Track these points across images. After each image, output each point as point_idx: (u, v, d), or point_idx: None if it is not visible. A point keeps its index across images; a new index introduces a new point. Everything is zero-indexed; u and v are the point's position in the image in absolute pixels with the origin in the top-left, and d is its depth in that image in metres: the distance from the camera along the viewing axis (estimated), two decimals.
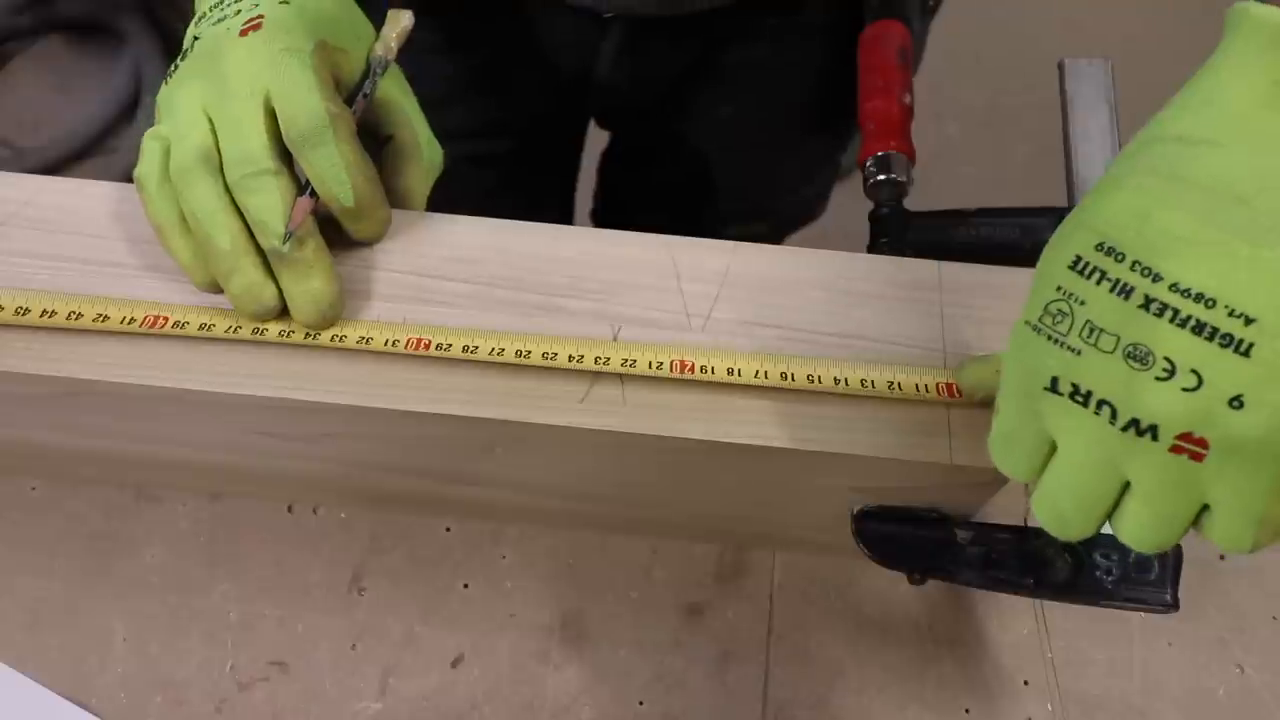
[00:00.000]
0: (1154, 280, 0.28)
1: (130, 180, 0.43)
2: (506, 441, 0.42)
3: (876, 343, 0.42)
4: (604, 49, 0.65)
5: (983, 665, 0.49)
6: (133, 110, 1.63)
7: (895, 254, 0.51)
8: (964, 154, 1.65)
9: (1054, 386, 0.30)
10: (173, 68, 0.43)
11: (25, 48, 1.72)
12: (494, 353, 0.40)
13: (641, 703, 0.48)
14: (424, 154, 0.45)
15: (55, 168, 1.58)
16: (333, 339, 0.41)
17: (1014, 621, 0.50)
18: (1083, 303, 0.29)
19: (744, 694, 0.48)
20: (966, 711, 0.48)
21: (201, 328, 0.41)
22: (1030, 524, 0.42)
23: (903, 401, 0.40)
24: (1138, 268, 0.28)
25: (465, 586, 0.51)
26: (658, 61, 0.67)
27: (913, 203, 0.54)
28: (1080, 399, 0.29)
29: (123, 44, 1.67)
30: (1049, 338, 0.30)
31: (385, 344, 0.40)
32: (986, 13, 1.80)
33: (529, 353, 0.40)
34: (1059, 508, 0.32)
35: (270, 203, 0.39)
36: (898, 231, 0.52)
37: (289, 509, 0.52)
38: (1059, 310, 0.30)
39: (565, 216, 0.88)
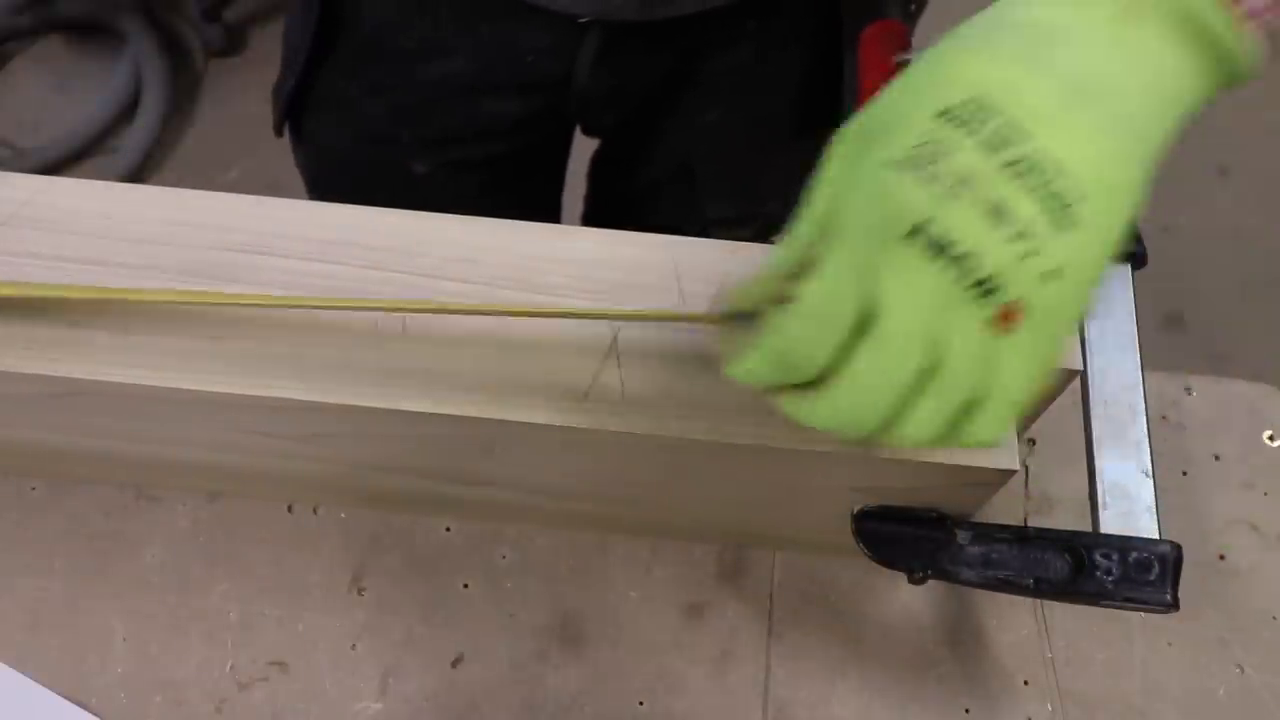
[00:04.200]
0: (1022, 143, 0.28)
1: (130, 180, 0.42)
2: (506, 441, 0.42)
3: None
4: (581, 56, 0.64)
5: (983, 665, 0.49)
6: (132, 110, 1.63)
7: None
8: None
9: (914, 232, 0.28)
10: None
11: (25, 48, 1.72)
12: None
13: (641, 703, 0.48)
14: None
15: (55, 168, 1.58)
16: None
17: (1014, 621, 0.50)
18: (951, 152, 0.28)
19: (744, 694, 0.48)
20: (966, 711, 0.48)
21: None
22: (1030, 525, 0.42)
23: None
24: (1006, 129, 0.28)
25: (465, 586, 0.51)
26: (636, 68, 0.67)
27: None
28: (935, 249, 0.28)
29: (123, 44, 1.67)
30: (920, 179, 0.28)
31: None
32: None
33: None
34: (875, 392, 0.29)
35: None
36: None
37: (289, 509, 0.52)
38: (931, 154, 0.28)
39: (553, 221, 0.88)
